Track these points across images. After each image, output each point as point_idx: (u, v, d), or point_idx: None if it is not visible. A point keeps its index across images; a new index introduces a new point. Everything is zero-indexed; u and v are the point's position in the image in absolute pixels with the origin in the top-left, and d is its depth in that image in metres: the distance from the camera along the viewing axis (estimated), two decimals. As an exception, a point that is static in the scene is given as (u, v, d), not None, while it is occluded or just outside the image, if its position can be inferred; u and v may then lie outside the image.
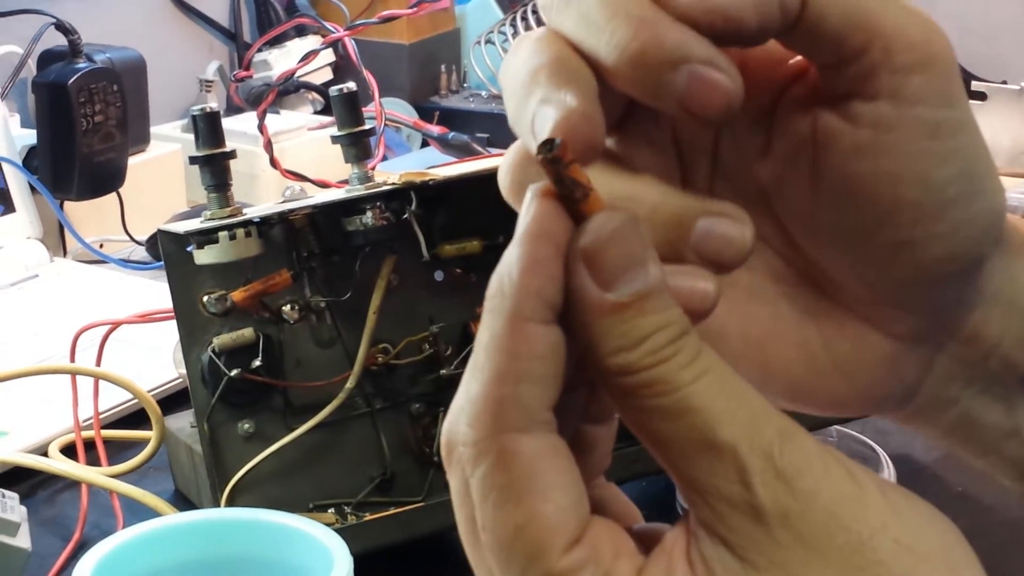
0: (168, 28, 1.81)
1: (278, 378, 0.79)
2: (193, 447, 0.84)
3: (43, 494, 0.92)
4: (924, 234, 0.37)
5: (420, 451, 0.81)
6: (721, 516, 0.31)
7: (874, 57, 0.35)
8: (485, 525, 0.32)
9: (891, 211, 0.36)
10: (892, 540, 0.31)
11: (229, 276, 0.77)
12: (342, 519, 0.79)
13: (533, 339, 0.32)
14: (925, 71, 0.35)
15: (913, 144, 0.36)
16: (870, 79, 0.35)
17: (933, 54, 0.36)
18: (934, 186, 0.36)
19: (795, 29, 0.35)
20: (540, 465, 0.31)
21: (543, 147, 0.31)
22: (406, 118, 1.59)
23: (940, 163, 0.36)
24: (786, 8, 0.34)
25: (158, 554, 0.67)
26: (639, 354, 0.31)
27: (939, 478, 0.90)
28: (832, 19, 0.35)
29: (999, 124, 1.58)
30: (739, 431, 0.31)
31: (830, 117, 0.37)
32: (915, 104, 0.35)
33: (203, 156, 0.78)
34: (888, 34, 0.35)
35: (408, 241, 0.79)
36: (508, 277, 0.32)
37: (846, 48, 0.35)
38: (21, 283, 1.28)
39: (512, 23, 1.82)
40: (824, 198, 0.37)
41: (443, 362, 0.82)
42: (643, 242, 0.32)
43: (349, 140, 0.81)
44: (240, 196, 0.80)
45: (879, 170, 0.36)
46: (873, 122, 0.36)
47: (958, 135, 0.36)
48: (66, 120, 1.31)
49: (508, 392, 0.31)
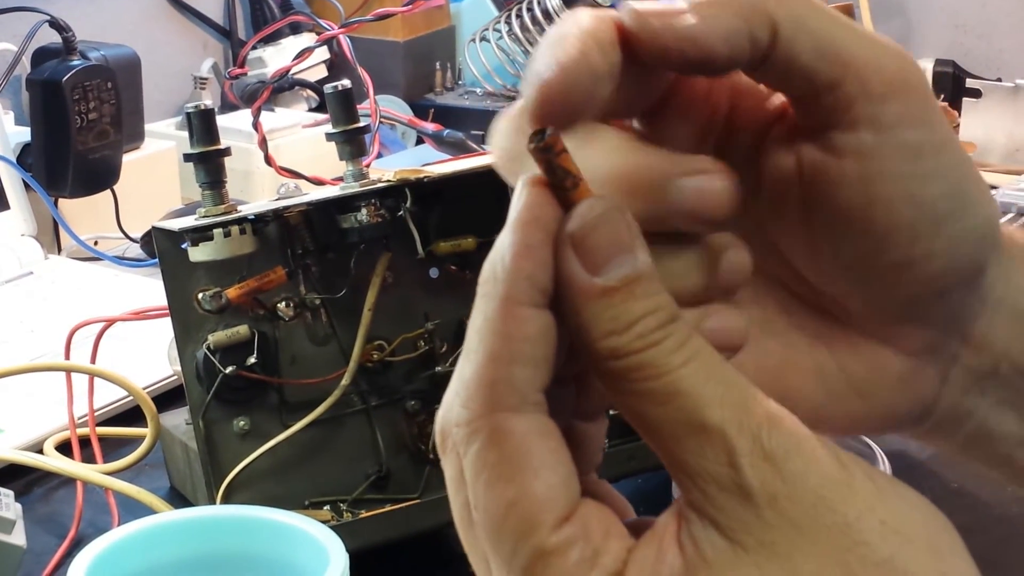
0: (162, 25, 1.80)
1: (273, 375, 0.79)
2: (188, 444, 0.84)
3: (38, 491, 0.92)
4: (922, 251, 0.37)
5: (415, 448, 0.81)
6: (710, 498, 0.32)
7: (849, 88, 0.36)
8: (477, 504, 0.32)
9: (887, 234, 0.37)
10: (879, 522, 0.32)
11: (224, 273, 0.77)
12: (338, 516, 0.79)
13: (525, 322, 0.32)
14: (901, 97, 0.36)
15: (898, 168, 0.36)
16: (848, 110, 0.36)
17: (907, 80, 0.36)
18: (925, 205, 0.37)
19: (766, 62, 0.36)
20: (531, 444, 0.32)
21: (534, 136, 0.32)
22: (401, 115, 1.59)
23: (928, 182, 0.37)
24: (756, 40, 0.35)
25: (154, 551, 0.67)
26: (628, 338, 0.32)
27: (935, 474, 0.90)
28: (804, 53, 0.36)
29: (994, 121, 1.58)
30: (728, 414, 0.32)
31: (813, 151, 0.37)
32: (895, 129, 0.36)
33: (197, 153, 0.78)
34: (861, 65, 0.36)
35: (403, 238, 0.79)
36: (500, 262, 0.32)
37: (819, 80, 0.36)
38: (15, 280, 1.27)
39: (507, 20, 1.82)
40: (820, 229, 0.38)
41: (438, 359, 0.82)
42: (631, 229, 0.32)
43: (344, 137, 0.81)
44: (235, 193, 0.80)
45: (869, 197, 0.37)
46: (856, 151, 0.36)
47: (941, 153, 0.37)
48: (60, 117, 1.31)
49: (501, 373, 0.32)
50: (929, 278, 0.38)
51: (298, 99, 1.77)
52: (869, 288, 0.39)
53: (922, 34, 1.90)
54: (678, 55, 0.34)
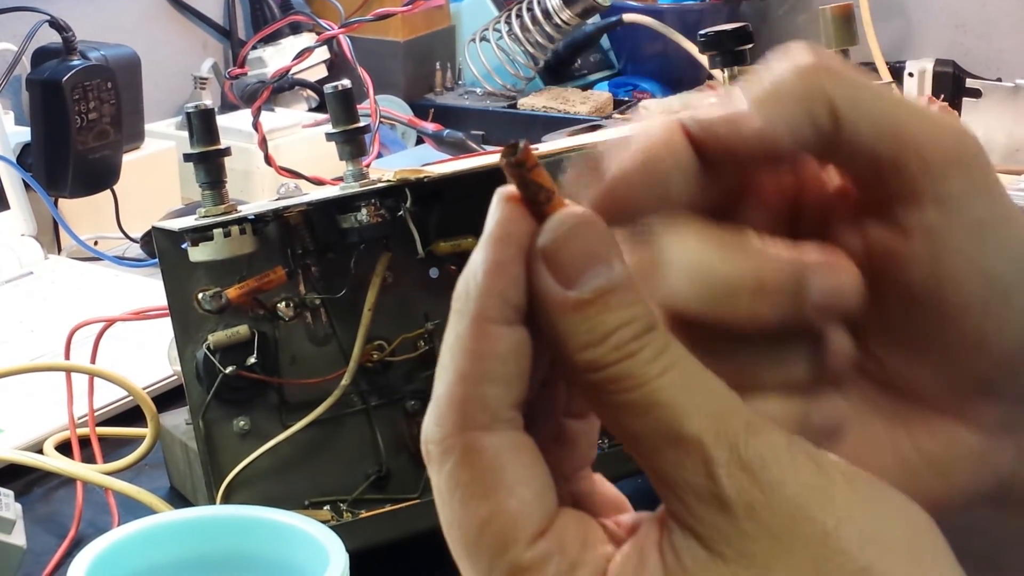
0: (162, 25, 1.80)
1: (273, 375, 0.79)
2: (188, 444, 0.84)
3: (38, 491, 0.92)
4: (995, 325, 0.37)
5: (415, 448, 0.81)
6: (689, 508, 0.32)
7: (911, 165, 0.36)
8: (452, 521, 0.33)
9: (958, 310, 0.37)
10: (857, 531, 0.31)
11: (224, 273, 0.77)
12: (338, 516, 0.79)
13: (496, 340, 0.32)
14: (962, 171, 0.36)
15: (966, 243, 0.36)
16: (911, 187, 0.36)
17: (966, 153, 0.36)
18: (994, 279, 0.37)
19: (830, 145, 0.36)
20: (503, 461, 0.32)
21: (507, 151, 0.32)
22: (401, 115, 1.59)
23: (996, 255, 0.37)
24: (818, 125, 0.35)
25: (153, 551, 0.67)
26: (604, 349, 0.32)
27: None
28: (865, 132, 0.36)
29: (994, 121, 1.58)
30: (705, 424, 0.31)
31: (879, 230, 0.37)
32: (959, 204, 0.36)
33: (197, 153, 0.78)
34: (920, 140, 0.36)
35: (403, 238, 0.79)
36: (472, 280, 0.33)
37: (881, 159, 0.36)
38: (15, 280, 1.27)
39: (507, 20, 1.82)
40: (889, 308, 0.38)
41: (438, 359, 0.81)
42: (605, 239, 0.32)
43: (344, 137, 0.81)
44: (235, 193, 0.80)
45: (938, 274, 0.37)
46: (923, 230, 0.36)
47: (1006, 225, 0.37)
48: (60, 117, 1.31)
49: (471, 391, 0.32)
50: (1002, 352, 0.38)
51: (298, 99, 1.77)
52: (941, 364, 0.38)
53: (922, 34, 1.90)
54: (746, 154, 0.35)
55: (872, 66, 1.66)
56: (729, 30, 0.89)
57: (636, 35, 1.88)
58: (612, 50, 1.99)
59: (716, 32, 0.89)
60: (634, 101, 1.82)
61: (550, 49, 1.83)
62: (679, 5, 1.90)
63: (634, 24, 1.84)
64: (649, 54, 1.90)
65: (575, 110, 1.75)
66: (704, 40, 0.90)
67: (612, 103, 1.80)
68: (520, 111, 1.78)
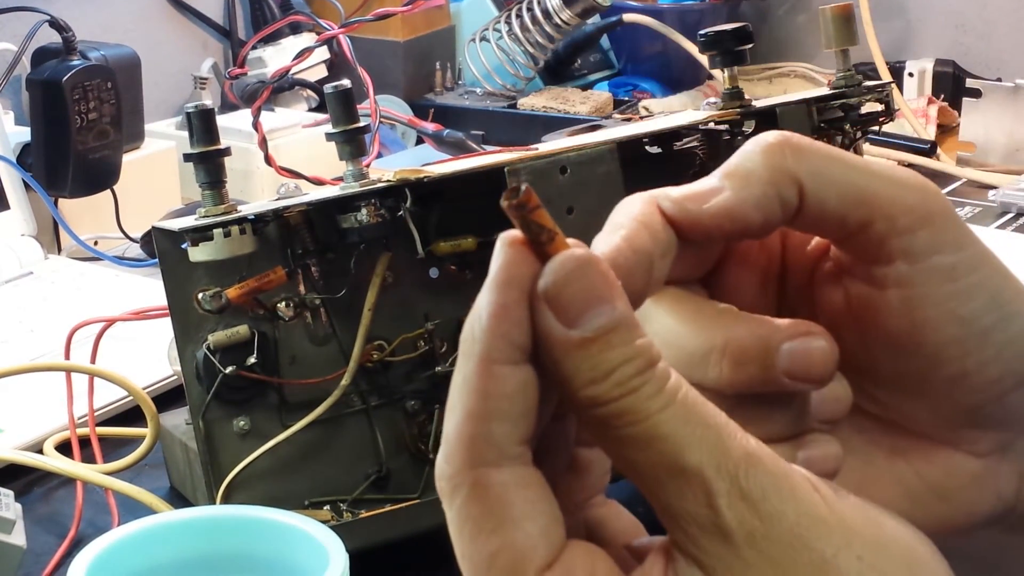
0: (162, 25, 1.80)
1: (273, 375, 0.79)
2: (188, 444, 0.84)
3: (38, 491, 0.92)
4: (975, 363, 0.39)
5: (415, 448, 0.81)
6: (692, 538, 0.33)
7: (879, 226, 0.39)
8: (463, 554, 0.34)
9: (937, 352, 0.39)
10: (855, 558, 0.33)
11: (224, 273, 0.77)
12: (338, 516, 0.79)
13: (502, 380, 0.33)
14: (927, 226, 0.39)
15: (937, 290, 0.39)
16: (881, 246, 0.39)
17: (931, 210, 0.39)
18: (969, 320, 0.39)
19: (799, 216, 0.38)
20: (511, 496, 0.33)
21: (509, 194, 0.33)
22: (401, 115, 1.59)
23: (967, 299, 0.39)
24: (785, 201, 0.38)
25: (153, 551, 0.67)
26: (607, 386, 0.33)
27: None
28: (831, 201, 0.38)
29: (994, 121, 1.58)
30: (706, 456, 0.33)
31: (858, 285, 0.40)
32: (928, 256, 0.39)
33: (197, 153, 0.78)
34: (886, 203, 0.39)
35: (403, 238, 0.79)
36: (478, 322, 0.34)
37: (850, 224, 0.39)
38: (15, 280, 1.28)
39: (507, 20, 1.82)
40: (877, 353, 0.40)
41: (438, 359, 0.82)
42: (605, 279, 0.33)
43: (344, 137, 0.81)
44: (235, 193, 0.80)
45: (914, 321, 0.39)
46: (896, 282, 0.39)
47: (976, 270, 0.39)
48: (60, 117, 1.31)
49: (479, 430, 0.33)
50: (986, 385, 0.40)
51: (298, 99, 1.77)
52: (932, 400, 0.41)
53: (922, 34, 1.90)
54: (718, 231, 0.38)
55: (872, 66, 1.66)
56: (729, 30, 0.89)
57: (636, 35, 1.88)
58: (612, 50, 1.99)
59: (716, 32, 0.89)
60: (634, 101, 1.82)
61: (550, 49, 1.83)
62: (679, 5, 1.90)
63: (634, 24, 1.84)
64: (649, 54, 1.91)
65: (575, 110, 1.75)
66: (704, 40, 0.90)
67: (612, 103, 1.81)
68: (520, 111, 1.78)
